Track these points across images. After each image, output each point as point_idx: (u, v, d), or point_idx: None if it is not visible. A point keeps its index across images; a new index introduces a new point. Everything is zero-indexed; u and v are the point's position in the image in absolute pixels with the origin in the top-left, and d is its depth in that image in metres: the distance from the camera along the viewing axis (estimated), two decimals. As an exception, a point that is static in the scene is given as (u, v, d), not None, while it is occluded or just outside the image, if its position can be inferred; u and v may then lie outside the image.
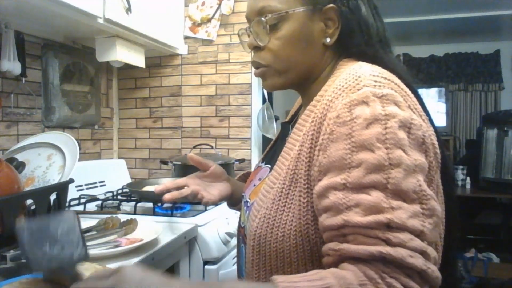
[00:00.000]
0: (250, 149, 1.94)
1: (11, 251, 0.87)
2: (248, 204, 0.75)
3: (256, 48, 0.73)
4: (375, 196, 0.53)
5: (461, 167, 3.49)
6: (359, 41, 0.71)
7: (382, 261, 0.50)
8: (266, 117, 1.95)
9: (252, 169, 1.92)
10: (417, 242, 0.51)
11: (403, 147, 0.55)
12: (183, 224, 1.29)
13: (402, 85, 0.63)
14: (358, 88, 0.59)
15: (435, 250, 0.55)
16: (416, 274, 0.51)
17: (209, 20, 1.95)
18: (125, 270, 0.52)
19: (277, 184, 0.66)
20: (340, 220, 0.54)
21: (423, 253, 0.52)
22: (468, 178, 3.44)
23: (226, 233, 1.36)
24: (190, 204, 1.54)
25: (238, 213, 0.98)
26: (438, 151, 0.60)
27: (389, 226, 0.51)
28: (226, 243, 1.36)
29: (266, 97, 1.99)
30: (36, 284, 0.69)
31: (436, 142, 0.60)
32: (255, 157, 1.98)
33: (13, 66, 1.41)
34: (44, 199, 1.12)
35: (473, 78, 4.61)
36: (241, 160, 1.90)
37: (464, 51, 4.62)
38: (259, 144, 2.03)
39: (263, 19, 0.70)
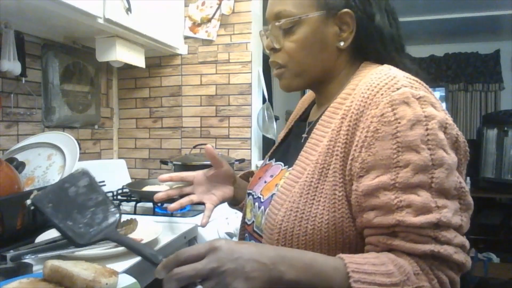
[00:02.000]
0: (250, 149, 1.94)
1: (11, 251, 0.87)
2: (262, 200, 0.75)
3: (273, 50, 0.77)
4: (424, 197, 0.57)
5: (461, 167, 3.48)
6: (376, 46, 0.73)
7: (432, 256, 0.57)
8: (266, 117, 1.95)
9: (252, 169, 1.93)
10: (459, 238, 0.58)
11: (444, 147, 0.59)
12: (183, 224, 1.29)
13: (429, 88, 0.67)
14: (397, 87, 0.62)
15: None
16: (456, 266, 0.58)
17: (209, 20, 1.95)
18: (221, 248, 0.52)
19: (303, 178, 0.68)
20: (393, 220, 0.58)
21: (463, 247, 0.59)
22: (468, 178, 3.43)
23: (226, 233, 1.36)
24: (190, 204, 1.54)
25: (239, 213, 0.98)
26: (468, 148, 0.65)
27: (438, 225, 0.57)
28: (226, 243, 1.35)
29: (266, 97, 1.99)
30: (36, 284, 0.69)
31: (465, 140, 0.64)
32: (255, 157, 1.98)
33: (13, 66, 1.41)
34: (44, 199, 1.12)
35: (473, 78, 4.61)
36: (241, 160, 1.90)
37: (464, 51, 4.61)
38: (259, 144, 2.03)
39: (277, 23, 0.74)
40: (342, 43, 0.73)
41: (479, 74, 4.58)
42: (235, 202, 1.00)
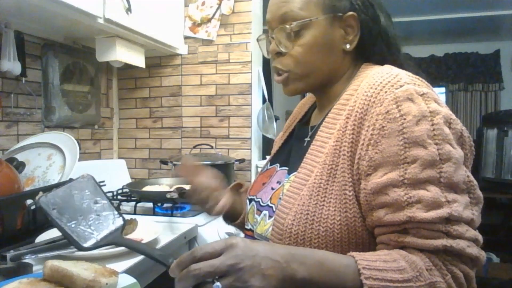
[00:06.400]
0: (250, 149, 1.94)
1: (11, 251, 0.87)
2: (274, 209, 0.74)
3: (278, 54, 0.75)
4: (434, 192, 0.57)
5: (461, 167, 3.48)
6: (381, 48, 0.74)
7: (444, 251, 0.57)
8: (266, 117, 1.95)
9: (252, 169, 1.93)
10: (471, 232, 0.58)
11: (450, 141, 0.59)
12: (183, 224, 1.29)
13: (430, 86, 0.67)
14: (400, 84, 0.63)
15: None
16: (469, 260, 0.58)
17: (209, 20, 1.95)
18: (238, 245, 0.52)
19: (311, 180, 0.67)
20: (403, 216, 0.57)
21: (476, 241, 0.58)
22: (468, 178, 3.43)
23: (226, 233, 1.35)
24: (191, 204, 1.54)
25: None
26: (472, 143, 0.65)
27: (449, 219, 0.57)
28: (226, 243, 1.35)
29: (266, 97, 1.99)
30: (36, 284, 0.69)
31: (469, 135, 0.65)
32: (255, 157, 1.98)
33: (13, 66, 1.41)
34: (44, 199, 1.12)
35: (473, 78, 4.61)
36: (241, 160, 1.90)
37: (464, 51, 4.61)
38: (259, 144, 2.03)
39: (287, 26, 0.72)
40: (348, 46, 0.74)
41: (479, 74, 4.58)
42: (231, 216, 0.96)
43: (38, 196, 0.61)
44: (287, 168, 0.78)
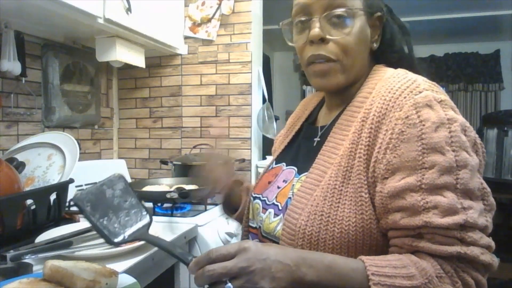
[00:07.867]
0: (250, 149, 1.94)
1: (11, 251, 0.87)
2: (280, 208, 0.74)
3: (319, 41, 0.71)
4: (450, 198, 0.57)
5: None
6: (402, 49, 0.76)
7: (457, 258, 0.57)
8: (266, 117, 1.95)
9: (252, 169, 1.93)
10: (485, 239, 0.58)
11: (466, 149, 0.60)
12: (183, 224, 1.30)
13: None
14: (419, 90, 0.63)
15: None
16: (482, 267, 0.58)
17: (209, 20, 1.95)
18: (250, 248, 0.55)
19: (325, 181, 0.67)
20: (419, 221, 0.57)
21: (489, 247, 0.59)
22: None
23: (226, 233, 1.36)
24: (191, 204, 1.54)
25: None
26: (484, 150, 0.65)
27: (464, 226, 0.57)
28: (226, 243, 1.36)
29: (266, 97, 1.99)
30: (36, 284, 0.69)
31: (481, 142, 0.65)
32: (255, 157, 1.98)
33: (13, 66, 1.41)
34: (44, 199, 1.12)
35: (473, 78, 4.60)
36: (241, 160, 1.90)
37: (464, 51, 4.61)
38: (259, 144, 2.03)
39: (337, 12, 0.69)
40: (375, 45, 0.75)
41: (479, 74, 4.57)
42: (231, 207, 0.97)
43: (73, 194, 0.66)
44: (294, 167, 0.78)
